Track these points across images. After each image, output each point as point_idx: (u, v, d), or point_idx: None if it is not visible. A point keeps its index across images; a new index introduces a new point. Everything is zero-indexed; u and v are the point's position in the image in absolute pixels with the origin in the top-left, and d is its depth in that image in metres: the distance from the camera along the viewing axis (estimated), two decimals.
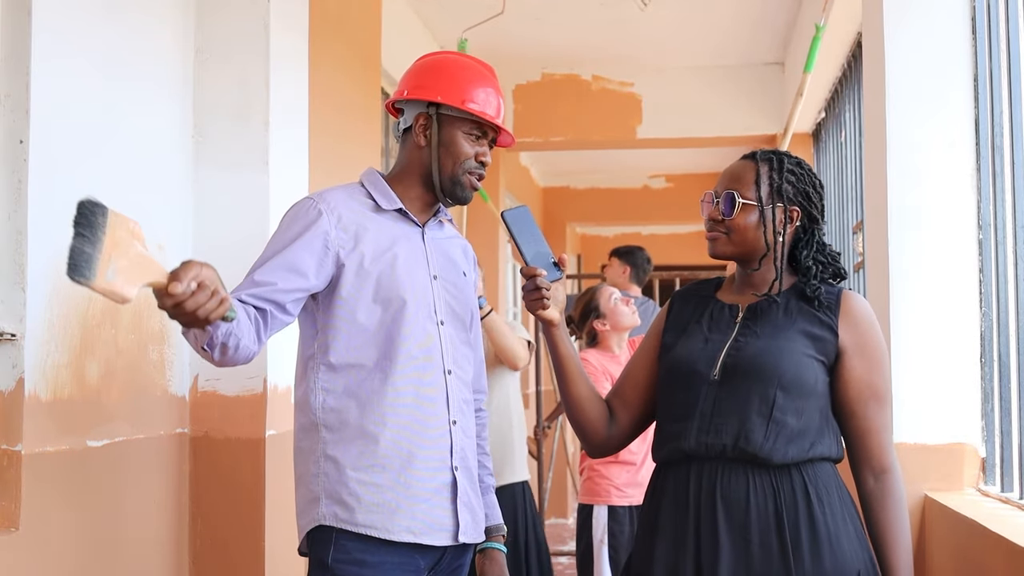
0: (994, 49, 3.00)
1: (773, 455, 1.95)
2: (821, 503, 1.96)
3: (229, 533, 3.01)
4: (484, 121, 2.21)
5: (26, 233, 2.33)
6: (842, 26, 4.83)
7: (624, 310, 4.08)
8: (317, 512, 2.13)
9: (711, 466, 1.99)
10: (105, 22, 2.66)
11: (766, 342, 2.02)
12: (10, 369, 2.33)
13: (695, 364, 2.05)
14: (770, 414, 1.96)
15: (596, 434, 2.21)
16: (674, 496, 2.02)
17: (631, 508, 3.96)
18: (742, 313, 2.09)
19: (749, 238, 2.08)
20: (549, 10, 6.03)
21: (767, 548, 1.93)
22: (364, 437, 2.12)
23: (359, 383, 2.15)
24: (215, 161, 3.08)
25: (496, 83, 2.27)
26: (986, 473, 3.03)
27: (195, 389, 3.04)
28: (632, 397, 2.21)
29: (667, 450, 2.06)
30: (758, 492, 1.95)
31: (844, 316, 2.04)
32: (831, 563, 1.93)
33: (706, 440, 1.99)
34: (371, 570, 2.10)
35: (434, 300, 2.22)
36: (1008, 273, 2.91)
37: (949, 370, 3.07)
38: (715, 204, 2.10)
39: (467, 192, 2.23)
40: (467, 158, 2.21)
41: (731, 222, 2.08)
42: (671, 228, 11.88)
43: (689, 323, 2.14)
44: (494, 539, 2.33)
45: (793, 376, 1.98)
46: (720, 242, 2.10)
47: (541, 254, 2.13)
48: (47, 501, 2.38)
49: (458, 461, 2.20)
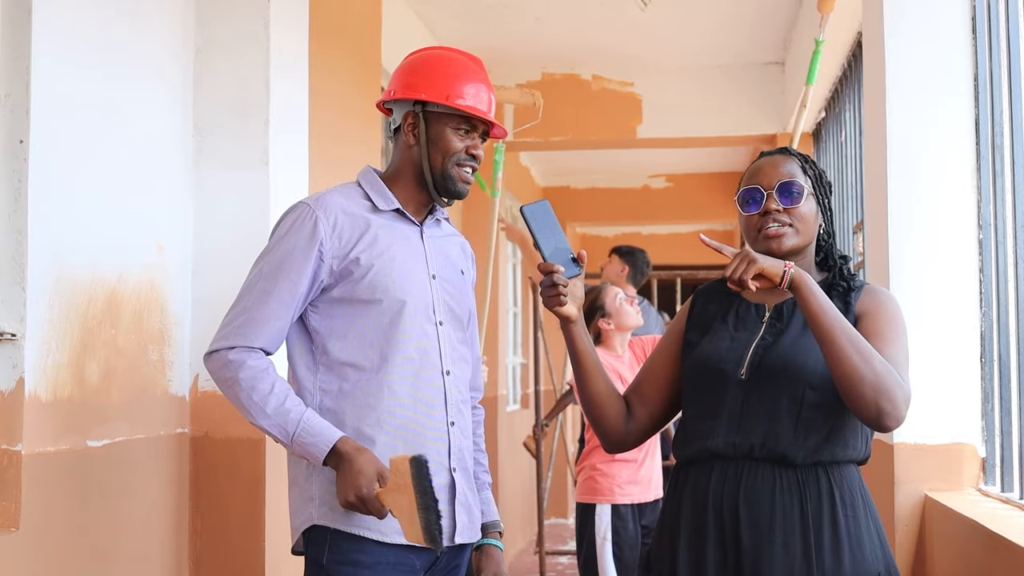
0: (994, 49, 3.00)
1: (801, 454, 1.95)
2: (844, 505, 1.96)
3: (229, 533, 3.01)
4: (472, 115, 2.21)
5: (26, 233, 2.33)
6: (842, 25, 4.83)
7: (629, 310, 4.09)
8: (312, 512, 2.13)
9: (736, 465, 1.98)
10: (105, 22, 2.66)
11: (793, 341, 2.01)
12: (10, 369, 2.33)
13: (722, 363, 2.04)
14: (799, 413, 1.96)
15: (614, 430, 2.20)
16: (695, 494, 2.02)
17: (633, 506, 3.96)
18: (769, 312, 2.08)
19: (811, 228, 2.09)
20: (549, 10, 6.02)
21: (790, 548, 1.92)
22: (360, 439, 2.12)
23: (355, 384, 2.14)
24: (215, 161, 3.08)
25: (483, 75, 2.25)
26: (986, 473, 3.03)
27: (195, 389, 3.04)
28: (651, 394, 2.20)
29: (693, 449, 2.05)
30: (784, 492, 1.95)
31: (864, 296, 2.05)
32: (851, 565, 1.93)
33: (735, 440, 1.98)
34: (367, 571, 2.09)
35: (433, 300, 2.22)
36: (1008, 273, 2.91)
37: (949, 370, 3.07)
38: (771, 196, 2.06)
39: (459, 186, 2.22)
40: (456, 152, 2.20)
41: (798, 211, 2.06)
42: (671, 228, 11.88)
43: (714, 321, 2.13)
44: (491, 535, 2.33)
45: (823, 375, 1.96)
46: (788, 236, 2.06)
47: (560, 250, 2.09)
48: (47, 501, 2.38)
49: (456, 462, 2.20)
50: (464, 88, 2.20)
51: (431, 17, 6.05)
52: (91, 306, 2.57)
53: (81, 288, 2.54)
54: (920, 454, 3.05)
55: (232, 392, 2.11)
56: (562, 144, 7.34)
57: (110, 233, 2.68)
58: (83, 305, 2.54)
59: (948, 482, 3.04)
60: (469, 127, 2.21)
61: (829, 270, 2.12)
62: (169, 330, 2.93)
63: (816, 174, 2.11)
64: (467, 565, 2.30)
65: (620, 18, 6.10)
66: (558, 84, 7.07)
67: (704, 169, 10.24)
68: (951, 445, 3.06)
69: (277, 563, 3.03)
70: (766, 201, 2.06)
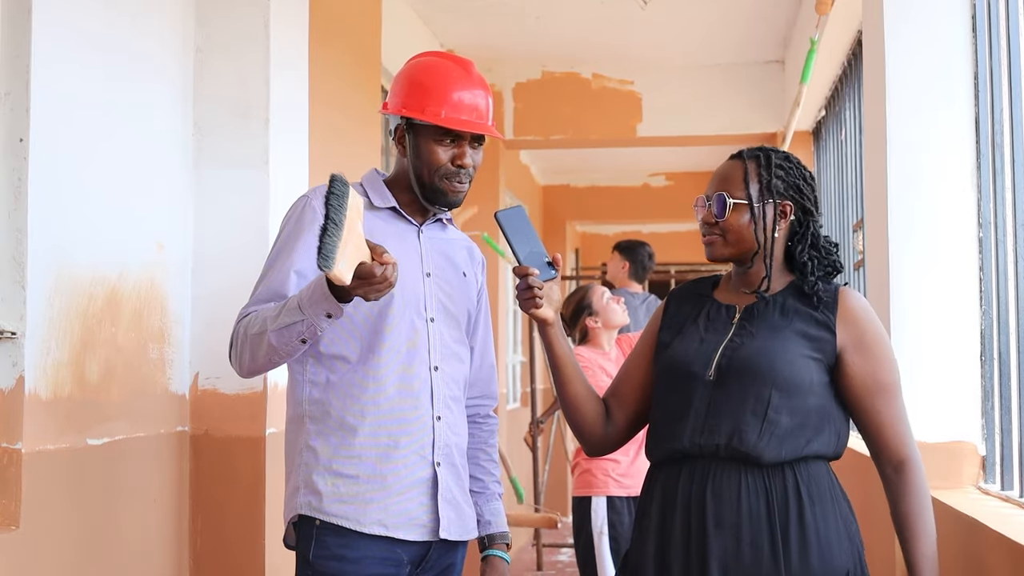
0: (994, 49, 3.00)
1: (766, 454, 1.95)
2: (812, 503, 1.96)
3: (229, 532, 3.02)
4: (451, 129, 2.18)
5: (26, 232, 2.34)
6: (842, 25, 4.83)
7: (616, 308, 4.15)
8: (296, 502, 2.16)
9: (703, 465, 1.99)
10: (105, 21, 2.66)
11: (762, 343, 2.01)
12: (10, 367, 2.33)
13: (690, 364, 2.05)
14: (765, 413, 1.96)
15: (593, 433, 2.21)
16: (663, 495, 2.03)
17: (629, 498, 3.96)
18: (739, 314, 2.09)
19: (744, 238, 2.08)
20: (549, 9, 6.02)
21: (757, 547, 1.93)
22: (343, 429, 2.14)
23: (342, 375, 2.16)
24: (215, 160, 3.08)
25: (470, 80, 2.20)
26: (986, 471, 3.03)
27: (195, 387, 3.04)
28: (628, 396, 2.21)
29: (661, 450, 2.06)
30: (750, 491, 1.95)
31: (842, 314, 2.04)
32: (819, 563, 1.93)
33: (700, 440, 1.99)
34: (352, 565, 2.11)
35: (425, 297, 2.22)
36: (1008, 271, 2.91)
37: (949, 368, 3.07)
38: (707, 207, 2.10)
39: (449, 197, 2.21)
40: (440, 165, 2.18)
41: (724, 223, 2.08)
42: (671, 226, 11.87)
43: (685, 322, 2.14)
44: (498, 547, 2.33)
45: (788, 376, 1.97)
46: (717, 245, 2.10)
47: (534, 254, 2.12)
48: (47, 500, 2.38)
49: (441, 457, 2.20)
50: (446, 98, 2.16)
51: (431, 16, 6.05)
52: (91, 304, 2.57)
53: (81, 287, 2.54)
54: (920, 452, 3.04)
55: (238, 340, 2.12)
56: (562, 143, 7.34)
57: (110, 232, 2.68)
58: (83, 303, 2.54)
59: (948, 480, 3.04)
60: (454, 137, 2.19)
61: (800, 270, 2.09)
62: (169, 328, 2.93)
63: (769, 177, 2.07)
64: (462, 565, 2.30)
65: (620, 17, 6.10)
66: (558, 83, 7.07)
67: (704, 168, 10.23)
68: (951, 443, 3.05)
69: (277, 562, 3.04)
70: (704, 211, 2.11)
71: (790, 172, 2.09)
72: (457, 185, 2.20)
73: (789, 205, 2.09)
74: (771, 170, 2.08)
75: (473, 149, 2.21)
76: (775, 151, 2.12)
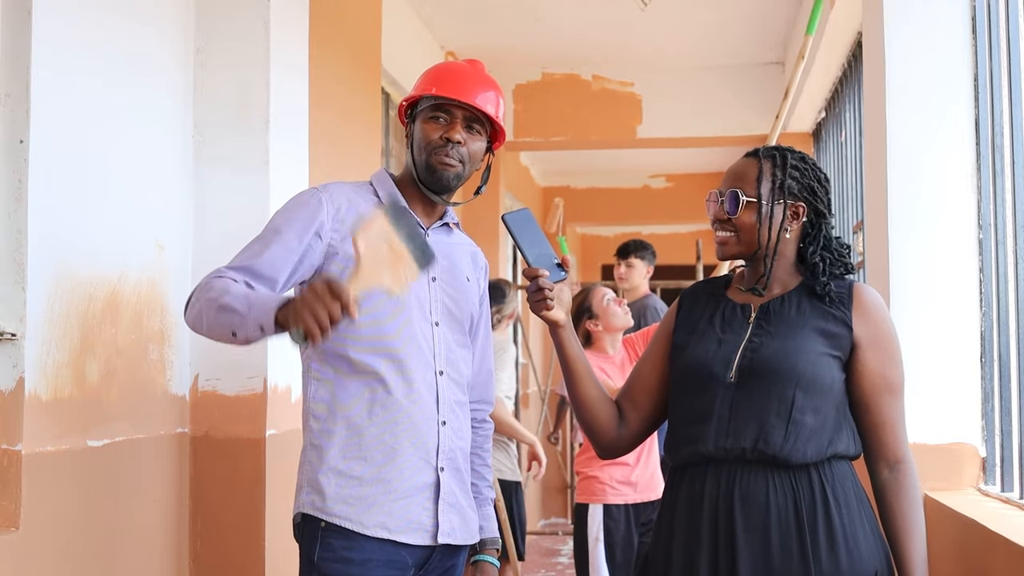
0: (994, 49, 3.00)
1: (793, 456, 1.95)
2: (838, 503, 1.96)
3: (229, 533, 3.01)
4: (444, 101, 2.19)
5: (26, 233, 2.34)
6: (842, 26, 4.83)
7: (617, 310, 4.11)
8: (300, 500, 2.17)
9: (729, 468, 1.98)
10: (105, 22, 2.67)
11: (782, 342, 2.01)
12: (10, 368, 2.33)
13: (710, 366, 2.04)
14: (789, 415, 1.96)
15: (606, 435, 2.20)
16: (689, 498, 2.01)
17: (627, 507, 3.96)
18: (755, 313, 2.08)
19: (755, 237, 2.07)
20: (549, 10, 6.03)
21: (787, 550, 1.92)
22: (349, 429, 2.14)
23: (347, 376, 2.16)
24: (215, 162, 3.08)
25: (471, 72, 2.24)
26: (986, 473, 3.03)
27: (195, 389, 3.04)
28: (641, 398, 2.19)
29: (684, 453, 2.04)
30: (778, 493, 1.95)
31: (857, 309, 2.04)
32: (848, 563, 1.93)
33: (724, 444, 1.98)
34: (357, 568, 2.10)
35: (430, 300, 2.22)
36: (1008, 273, 2.91)
37: (949, 370, 3.07)
38: (720, 203, 2.09)
39: (439, 172, 2.20)
40: (430, 141, 2.20)
41: (737, 220, 2.07)
42: (671, 228, 11.88)
43: (700, 323, 2.13)
44: (488, 552, 2.34)
45: (811, 376, 1.97)
46: (730, 244, 2.09)
47: (543, 255, 2.11)
48: (47, 501, 2.38)
49: (445, 462, 2.19)
50: (439, 80, 2.21)
51: (432, 18, 6.06)
52: (91, 306, 2.57)
53: (81, 288, 2.54)
54: (920, 454, 3.03)
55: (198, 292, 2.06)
56: (562, 144, 7.35)
57: (110, 233, 2.68)
58: (83, 305, 2.54)
59: (948, 482, 3.04)
60: (444, 115, 2.20)
61: (811, 271, 2.09)
62: (169, 330, 2.93)
63: (783, 178, 2.07)
64: (463, 568, 2.30)
65: (620, 18, 6.10)
66: (558, 84, 7.08)
67: (704, 169, 10.24)
68: (951, 445, 3.05)
69: (277, 563, 3.04)
70: (716, 207, 2.10)
71: (805, 173, 2.09)
72: (445, 159, 2.19)
73: (802, 207, 2.08)
74: (786, 170, 2.08)
75: (469, 133, 2.21)
76: (791, 151, 2.11)
